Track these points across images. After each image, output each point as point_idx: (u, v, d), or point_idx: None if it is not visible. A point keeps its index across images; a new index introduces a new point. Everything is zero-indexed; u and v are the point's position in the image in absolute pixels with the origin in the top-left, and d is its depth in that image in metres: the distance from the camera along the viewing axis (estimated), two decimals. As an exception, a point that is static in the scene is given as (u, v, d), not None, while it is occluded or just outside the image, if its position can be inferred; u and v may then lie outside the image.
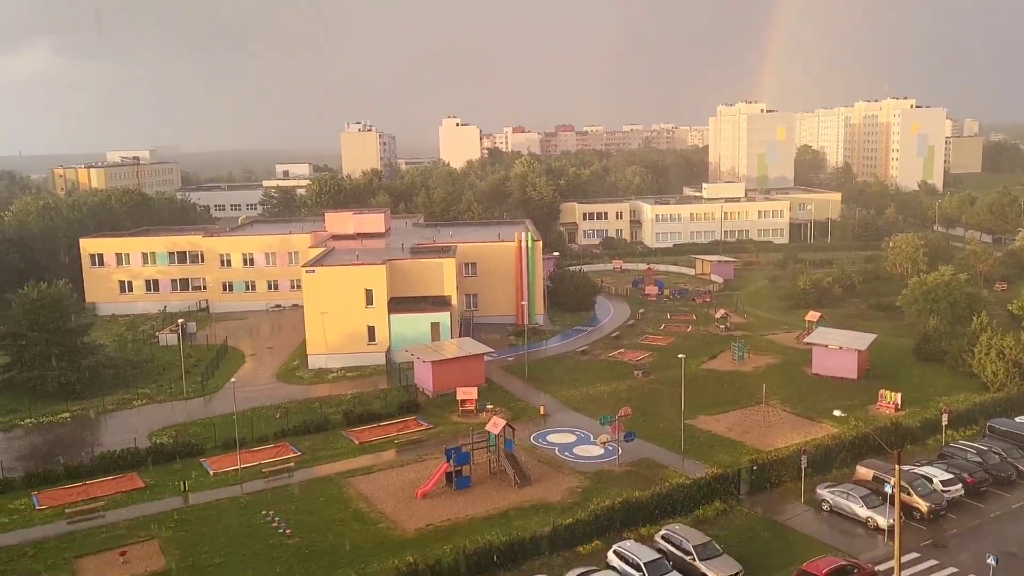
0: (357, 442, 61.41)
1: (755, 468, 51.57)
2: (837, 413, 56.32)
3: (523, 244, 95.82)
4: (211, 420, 66.22)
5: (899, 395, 64.87)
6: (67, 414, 69.77)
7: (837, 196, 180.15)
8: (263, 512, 50.00)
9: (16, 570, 43.15)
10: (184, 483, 54.02)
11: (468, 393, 67.74)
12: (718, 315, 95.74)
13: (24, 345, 75.24)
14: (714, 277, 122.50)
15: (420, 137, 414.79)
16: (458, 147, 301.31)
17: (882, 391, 66.04)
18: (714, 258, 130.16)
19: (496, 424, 55.31)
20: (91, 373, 75.73)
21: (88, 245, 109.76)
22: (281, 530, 47.71)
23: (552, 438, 61.40)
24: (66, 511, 50.77)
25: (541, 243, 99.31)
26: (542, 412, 66.52)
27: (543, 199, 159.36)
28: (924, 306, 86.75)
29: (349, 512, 49.92)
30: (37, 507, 51.80)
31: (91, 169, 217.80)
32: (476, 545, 42.74)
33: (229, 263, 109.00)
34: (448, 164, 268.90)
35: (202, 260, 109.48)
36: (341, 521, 48.80)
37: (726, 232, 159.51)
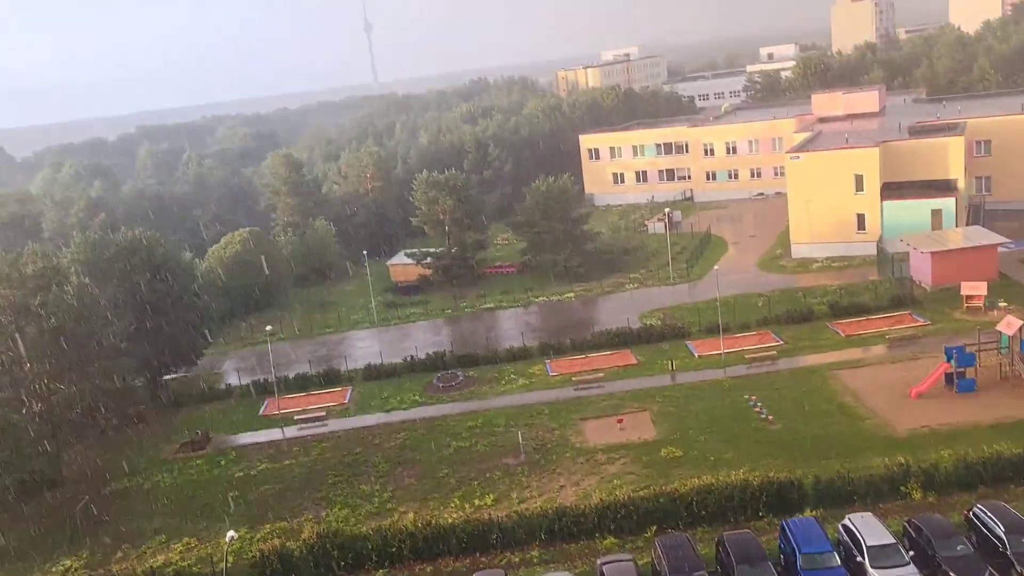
0: (843, 335, 58.93)
1: None
2: None
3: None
4: (695, 305, 68.86)
5: None
6: (572, 294, 78.26)
7: None
8: (745, 396, 51.05)
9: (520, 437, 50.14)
10: (671, 362, 57.45)
11: (976, 288, 60.24)
12: None
13: (537, 232, 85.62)
14: None
15: (924, 0, 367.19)
16: (972, 6, 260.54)
17: None
18: None
19: (1011, 324, 48.51)
20: (591, 258, 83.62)
21: (586, 141, 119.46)
22: (763, 415, 48.34)
23: (1085, 344, 51.98)
24: (572, 379, 57.61)
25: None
26: (1073, 313, 56.49)
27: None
28: None
29: (834, 405, 48.53)
30: (550, 373, 59.58)
31: (587, 69, 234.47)
32: (981, 454, 38.58)
33: (712, 152, 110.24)
34: (959, 28, 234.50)
35: (687, 151, 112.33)
36: (825, 413, 47.72)
37: None
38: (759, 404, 49.72)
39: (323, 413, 57.00)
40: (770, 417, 47.93)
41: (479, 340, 68.06)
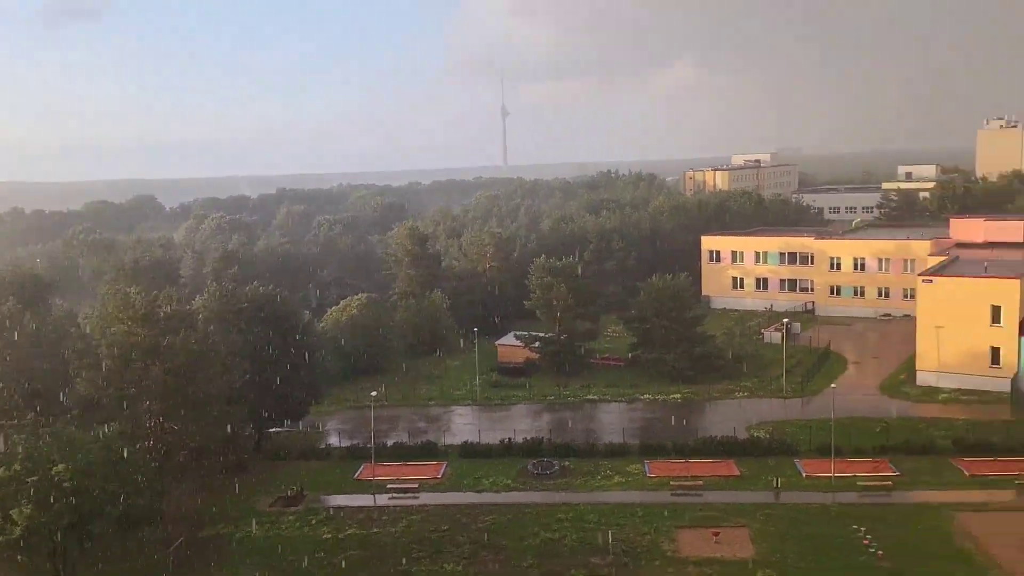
0: (967, 474, 55.06)
1: None
2: None
3: None
4: (807, 422, 65.97)
5: None
6: (678, 395, 76.48)
7: None
8: (854, 526, 48.15)
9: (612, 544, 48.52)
10: (777, 480, 54.95)
11: (1122, 441, 55.50)
12: None
13: (648, 329, 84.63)
14: None
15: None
16: None
17: None
18: None
19: None
20: (701, 361, 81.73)
21: (708, 242, 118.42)
22: (872, 549, 45.38)
23: None
24: (670, 483, 55.82)
25: None
26: None
27: None
28: None
29: (952, 549, 45.17)
30: (648, 474, 57.95)
31: (716, 172, 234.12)
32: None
33: (838, 266, 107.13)
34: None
35: (811, 262, 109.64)
36: (941, 556, 44.42)
37: None
38: (868, 536, 46.76)
39: (416, 485, 57.08)
40: (880, 553, 44.96)
41: (578, 431, 67.10)
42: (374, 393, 62.38)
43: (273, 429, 67.31)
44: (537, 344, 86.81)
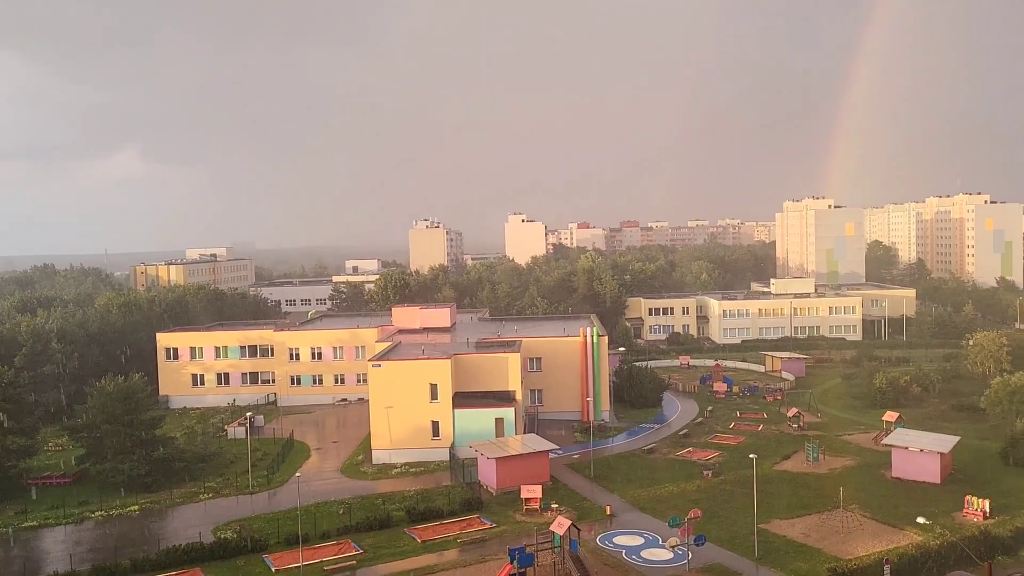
0: (420, 540, 60.43)
1: (835, 577, 48.92)
2: (921, 520, 53.69)
3: (588, 339, 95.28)
4: (275, 515, 66.10)
5: (987, 502, 61.29)
6: (136, 507, 70.52)
7: (911, 292, 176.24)
8: (324, 612, 49.19)
9: None
10: (246, 579, 53.68)
11: (532, 491, 66.44)
12: (790, 413, 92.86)
13: (99, 437, 77.02)
14: (784, 374, 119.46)
15: (487, 234, 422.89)
16: (523, 243, 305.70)
17: (968, 497, 62.53)
18: (784, 355, 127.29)
19: (561, 524, 53.91)
20: (161, 466, 76.81)
21: (164, 339, 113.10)
22: (341, 631, 46.77)
23: (619, 540, 59.47)
24: (130, 606, 50.82)
25: (606, 338, 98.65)
26: (608, 512, 64.72)
27: (608, 294, 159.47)
28: (1010, 407, 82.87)
29: (410, 614, 48.75)
30: (102, 601, 51.95)
31: (171, 266, 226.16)
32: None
33: (298, 357, 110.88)
34: (513, 260, 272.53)
35: (272, 354, 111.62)
36: (402, 623, 47.63)
37: (796, 328, 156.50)
38: (338, 619, 48.15)
39: None
40: (348, 632, 46.50)
41: (13, 568, 57.44)
42: None
43: None
44: (-45, 469, 72.76)
